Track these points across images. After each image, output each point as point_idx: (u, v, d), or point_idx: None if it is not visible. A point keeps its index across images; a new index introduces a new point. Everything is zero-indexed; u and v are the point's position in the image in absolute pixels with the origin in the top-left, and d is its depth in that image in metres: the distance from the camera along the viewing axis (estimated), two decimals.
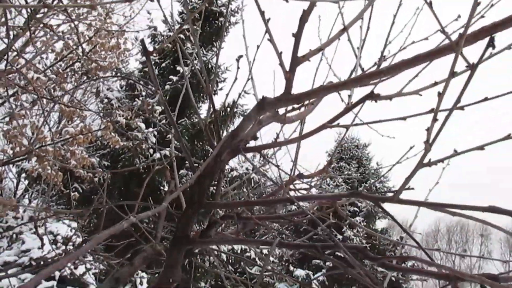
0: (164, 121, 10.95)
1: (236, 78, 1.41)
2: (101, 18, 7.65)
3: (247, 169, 11.21)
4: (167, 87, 11.62)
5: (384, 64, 1.66)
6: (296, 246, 1.20)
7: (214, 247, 2.28)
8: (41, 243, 3.58)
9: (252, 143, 1.48)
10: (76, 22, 5.27)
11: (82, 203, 10.53)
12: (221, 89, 13.48)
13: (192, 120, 11.81)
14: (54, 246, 4.51)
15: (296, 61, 1.04)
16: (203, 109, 13.23)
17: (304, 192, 2.67)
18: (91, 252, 4.10)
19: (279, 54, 1.06)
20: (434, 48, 0.88)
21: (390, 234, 20.75)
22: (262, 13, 1.02)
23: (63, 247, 4.94)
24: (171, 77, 11.91)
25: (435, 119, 0.88)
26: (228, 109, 12.10)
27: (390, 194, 1.18)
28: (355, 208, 17.99)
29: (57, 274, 6.16)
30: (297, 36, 1.02)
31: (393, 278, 1.84)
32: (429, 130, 0.90)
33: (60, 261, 0.71)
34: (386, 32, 1.86)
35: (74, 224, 6.70)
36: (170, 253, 1.29)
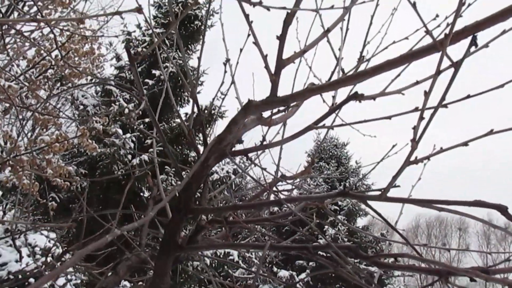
0: (142, 126, 10.83)
1: (223, 82, 1.40)
2: (74, 23, 7.51)
3: (227, 172, 11.18)
4: (144, 91, 11.47)
5: (363, 65, 1.68)
6: (287, 248, 1.19)
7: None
8: (19, 256, 3.48)
9: (236, 147, 1.47)
10: (49, 29, 5.16)
11: (60, 212, 10.30)
12: (199, 92, 13.41)
13: (170, 124, 11.71)
14: (32, 258, 4.38)
15: (281, 63, 1.04)
16: (181, 113, 13.15)
17: (287, 193, 2.68)
18: (75, 262, 4.00)
19: (265, 57, 1.06)
20: (419, 48, 0.89)
21: (371, 231, 21.04)
22: (246, 16, 1.02)
23: (42, 259, 4.81)
24: (146, 80, 11.78)
25: (421, 117, 0.90)
26: (208, 111, 12.04)
27: (376, 192, 1.19)
28: (336, 207, 18.16)
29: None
30: (282, 38, 1.02)
31: (375, 274, 1.87)
32: (415, 128, 0.91)
33: (43, 277, 0.68)
34: (364, 34, 1.89)
35: (53, 235, 6.54)
36: (158, 260, 1.27)
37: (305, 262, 16.80)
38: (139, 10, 1.09)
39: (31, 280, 3.59)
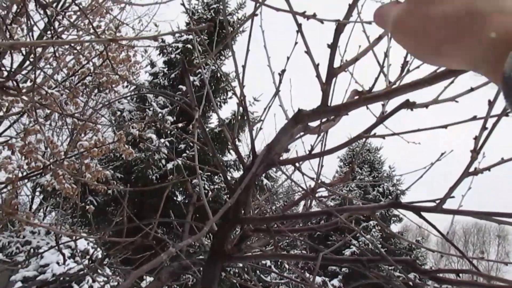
0: (175, 131, 11.00)
1: (278, 90, 1.39)
2: (111, 32, 7.73)
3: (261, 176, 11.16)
4: (195, 102, 11.64)
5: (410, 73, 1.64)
6: (340, 261, 1.17)
7: None
8: (63, 258, 3.58)
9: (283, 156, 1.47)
10: (89, 36, 5.33)
11: (97, 215, 10.58)
12: (230, 97, 13.50)
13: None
14: (73, 260, 4.52)
15: (333, 72, 1.03)
16: (213, 119, 13.27)
17: (324, 199, 2.64)
18: (109, 265, 4.11)
19: (316, 66, 1.05)
20: None
21: (405, 237, 20.53)
22: (299, 26, 1.01)
23: (82, 261, 4.95)
24: (180, 87, 11.98)
25: (484, 127, 0.86)
26: (239, 117, 12.07)
27: (430, 203, 1.15)
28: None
29: (75, 287, 6.18)
30: (333, 46, 1.01)
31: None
32: (477, 138, 0.88)
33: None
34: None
35: (92, 238, 6.73)
36: (207, 269, 1.28)
37: (337, 268, 16.55)
38: (155, 38, 1.08)
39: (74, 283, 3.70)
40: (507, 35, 0.35)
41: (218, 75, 12.62)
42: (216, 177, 11.44)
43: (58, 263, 5.13)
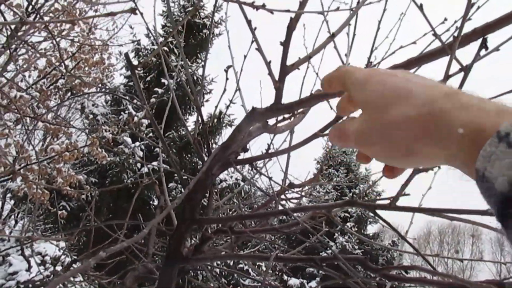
0: (151, 135, 10.87)
1: (225, 89, 1.38)
2: (84, 33, 7.60)
3: (236, 179, 11.15)
4: (152, 100, 11.56)
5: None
6: (293, 260, 1.16)
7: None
8: (28, 265, 3.48)
9: (241, 155, 1.45)
10: (58, 39, 5.22)
11: (70, 221, 10.35)
12: (207, 100, 13.44)
13: (179, 132, 11.75)
14: (42, 268, 4.39)
15: (285, 70, 1.02)
16: (190, 121, 13.17)
17: (296, 201, 2.64)
18: (81, 271, 4.01)
19: (268, 63, 1.04)
20: (427, 52, 0.87)
21: (382, 238, 20.79)
22: (249, 22, 1.00)
23: (52, 268, 4.82)
24: (156, 89, 11.86)
25: None
26: (215, 120, 12.09)
27: (385, 201, 1.16)
28: (346, 214, 18.00)
29: None
30: (285, 44, 1.00)
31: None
32: None
33: (50, 283, 0.66)
34: (372, 39, 1.86)
35: (63, 244, 6.56)
36: (163, 272, 1.25)
37: (315, 270, 16.64)
38: (133, 10, 1.07)
39: None
40: (474, 130, 0.35)
41: (195, 77, 12.56)
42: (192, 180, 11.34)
43: (26, 270, 4.98)
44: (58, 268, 4.18)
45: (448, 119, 0.37)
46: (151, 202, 11.10)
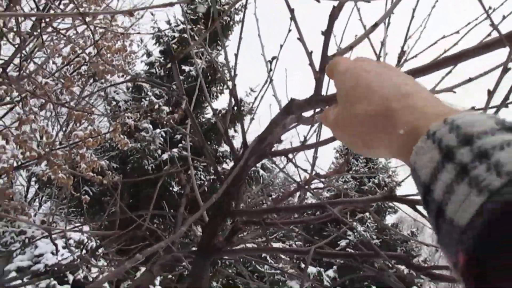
0: (168, 122, 10.92)
1: (271, 79, 1.35)
2: (107, 21, 7.63)
3: (256, 167, 11.15)
4: (174, 87, 11.58)
5: (408, 61, 1.61)
6: (333, 255, 1.15)
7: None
8: (55, 249, 3.56)
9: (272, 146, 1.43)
10: (84, 26, 5.26)
11: (93, 205, 10.56)
12: (227, 88, 13.42)
13: (199, 119, 11.79)
14: (67, 250, 4.50)
15: (326, 60, 0.99)
16: (209, 109, 13.16)
17: (320, 191, 2.60)
18: (104, 255, 4.09)
19: (309, 53, 1.01)
20: (481, 43, 0.82)
21: (400, 229, 20.63)
22: (291, 11, 0.97)
23: (77, 251, 4.93)
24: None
25: None
26: (235, 108, 12.05)
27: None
28: None
29: (70, 277, 6.16)
30: (327, 34, 0.97)
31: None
32: None
33: (95, 283, 0.66)
34: (404, 28, 1.81)
35: (87, 228, 6.69)
36: (196, 263, 1.25)
37: (332, 259, 16.60)
38: (171, 4, 1.06)
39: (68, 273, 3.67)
40: (413, 131, 0.39)
41: (215, 65, 12.53)
42: (212, 167, 11.41)
43: (52, 253, 5.10)
44: (83, 252, 4.27)
45: (395, 119, 0.42)
46: (171, 188, 11.21)
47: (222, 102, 13.85)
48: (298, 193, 2.44)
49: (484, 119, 0.34)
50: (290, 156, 1.92)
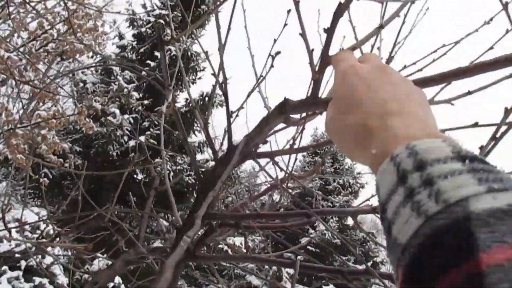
0: (140, 108, 10.64)
1: (262, 77, 1.26)
2: None
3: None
4: (143, 73, 11.28)
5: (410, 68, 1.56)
6: (320, 270, 1.08)
7: None
8: (8, 234, 3.34)
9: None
10: (55, 1, 4.99)
11: (52, 188, 10.17)
12: (200, 78, 13.22)
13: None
14: (21, 235, 4.26)
15: (327, 60, 0.91)
16: (181, 97, 12.91)
17: (290, 190, 2.54)
18: (60, 244, 3.89)
19: (311, 52, 0.93)
20: (500, 57, 0.77)
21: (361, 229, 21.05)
22: (296, 3, 0.89)
23: (31, 237, 4.70)
24: (148, 62, 11.57)
25: (494, 137, 0.78)
26: (206, 99, 11.93)
27: None
28: (329, 204, 18.16)
29: (23, 263, 5.89)
30: (330, 32, 0.90)
31: None
32: (482, 148, 0.80)
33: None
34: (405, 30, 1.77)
35: (43, 212, 6.41)
36: (166, 266, 1.15)
37: (293, 256, 16.80)
38: None
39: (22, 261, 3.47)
40: (384, 152, 0.39)
41: (189, 54, 12.28)
42: (179, 158, 11.21)
43: (6, 239, 4.82)
44: (35, 237, 4.06)
45: (370, 137, 0.43)
46: (134, 176, 10.94)
47: (193, 92, 13.60)
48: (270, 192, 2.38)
49: (442, 146, 0.35)
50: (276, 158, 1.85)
